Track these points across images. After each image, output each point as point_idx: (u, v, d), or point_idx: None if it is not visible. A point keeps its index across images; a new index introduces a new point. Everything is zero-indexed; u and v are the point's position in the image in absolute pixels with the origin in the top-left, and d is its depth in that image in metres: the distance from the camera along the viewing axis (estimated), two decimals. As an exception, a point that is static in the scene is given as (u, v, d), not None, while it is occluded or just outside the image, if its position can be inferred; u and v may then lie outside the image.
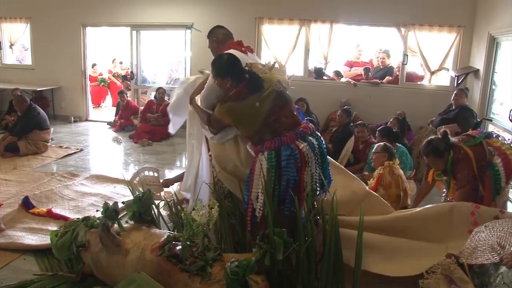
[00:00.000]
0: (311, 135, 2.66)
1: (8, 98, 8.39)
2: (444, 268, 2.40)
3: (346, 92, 7.38)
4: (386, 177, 3.90)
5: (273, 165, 2.54)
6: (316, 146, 2.65)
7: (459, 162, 3.28)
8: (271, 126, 2.60)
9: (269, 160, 2.54)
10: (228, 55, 2.75)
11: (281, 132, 2.59)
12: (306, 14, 7.28)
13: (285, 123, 2.63)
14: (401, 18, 6.94)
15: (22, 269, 3.09)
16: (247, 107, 2.59)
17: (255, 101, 2.57)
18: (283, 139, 2.56)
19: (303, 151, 2.57)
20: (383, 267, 2.74)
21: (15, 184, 4.88)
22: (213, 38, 3.19)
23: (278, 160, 2.54)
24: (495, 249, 2.29)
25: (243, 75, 2.64)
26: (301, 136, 2.61)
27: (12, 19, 9.04)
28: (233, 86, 2.65)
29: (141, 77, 8.99)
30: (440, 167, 3.40)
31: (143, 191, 2.91)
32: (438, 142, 3.38)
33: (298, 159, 2.55)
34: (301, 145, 2.57)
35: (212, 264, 2.39)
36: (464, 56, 6.80)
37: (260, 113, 2.58)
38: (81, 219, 2.93)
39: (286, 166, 2.53)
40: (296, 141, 2.58)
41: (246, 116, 2.62)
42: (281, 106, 2.65)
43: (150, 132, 7.45)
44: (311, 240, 2.41)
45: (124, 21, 8.35)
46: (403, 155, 4.77)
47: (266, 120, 2.59)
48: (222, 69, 2.69)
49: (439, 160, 3.36)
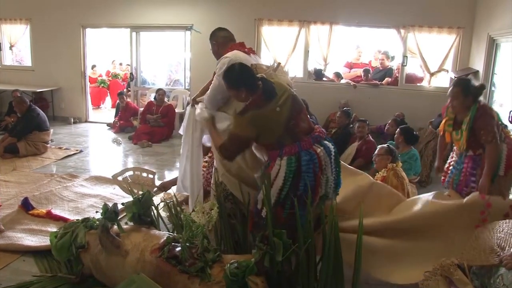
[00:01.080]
0: (325, 139, 2.70)
1: (7, 99, 8.38)
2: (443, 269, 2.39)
3: (346, 94, 7.38)
4: (391, 180, 3.87)
5: (292, 170, 2.54)
6: (332, 150, 2.68)
7: (484, 115, 3.12)
8: (291, 130, 2.59)
9: (289, 165, 2.54)
10: (239, 66, 2.68)
11: (300, 136, 2.60)
12: (306, 16, 7.29)
13: (302, 127, 2.64)
14: (401, 20, 6.96)
15: (21, 270, 3.08)
16: (270, 113, 2.57)
17: (275, 106, 2.56)
18: (302, 144, 2.57)
19: (320, 156, 2.59)
20: (385, 272, 2.73)
21: (14, 185, 4.87)
22: (213, 41, 3.19)
23: (298, 165, 2.55)
24: (495, 251, 2.29)
25: (256, 83, 2.61)
26: (318, 140, 2.63)
27: (12, 20, 9.05)
28: (249, 96, 2.62)
29: (140, 79, 9.00)
30: (458, 104, 3.22)
31: (128, 188, 2.89)
32: (473, 84, 3.24)
33: (317, 164, 2.56)
34: (318, 150, 2.60)
35: (211, 265, 2.39)
36: (463, 57, 6.82)
37: (282, 118, 2.57)
38: (80, 220, 2.93)
39: (306, 171, 2.54)
40: (314, 145, 2.60)
41: (269, 122, 2.58)
42: (298, 110, 2.66)
43: (149, 133, 7.45)
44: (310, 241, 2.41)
45: (124, 23, 8.35)
46: (413, 158, 4.72)
47: (287, 125, 2.58)
48: (235, 81, 2.64)
49: (462, 97, 3.19)
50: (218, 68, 2.94)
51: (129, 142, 7.41)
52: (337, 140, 5.89)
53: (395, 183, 3.86)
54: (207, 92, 3.03)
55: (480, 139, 3.11)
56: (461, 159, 3.34)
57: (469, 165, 3.27)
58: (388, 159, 4.05)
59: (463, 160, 3.31)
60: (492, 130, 3.07)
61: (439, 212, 2.88)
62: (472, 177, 3.25)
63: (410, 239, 2.88)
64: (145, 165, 5.54)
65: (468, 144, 3.19)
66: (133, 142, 7.33)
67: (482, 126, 3.09)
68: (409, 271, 2.70)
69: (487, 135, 3.07)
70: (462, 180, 3.29)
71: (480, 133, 3.10)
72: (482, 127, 3.09)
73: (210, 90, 2.99)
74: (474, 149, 3.22)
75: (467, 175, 3.27)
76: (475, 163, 3.23)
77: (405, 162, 4.57)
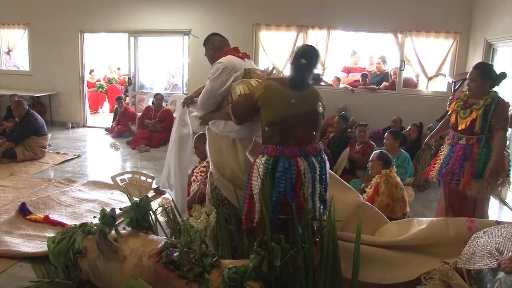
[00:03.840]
0: (315, 156, 2.62)
1: (5, 104, 8.38)
2: (442, 274, 2.39)
3: (344, 98, 7.39)
4: (381, 186, 3.91)
5: (268, 172, 2.52)
6: (317, 169, 2.59)
7: (503, 105, 3.26)
8: (286, 128, 2.55)
9: (265, 166, 2.54)
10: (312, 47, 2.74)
11: (289, 142, 2.55)
12: (304, 20, 7.32)
13: (299, 136, 2.58)
14: (398, 24, 6.99)
15: (18, 276, 3.07)
16: (284, 96, 2.57)
17: (292, 97, 2.57)
18: (285, 150, 2.53)
19: (301, 169, 2.53)
20: (379, 276, 2.73)
21: (12, 190, 4.86)
22: (209, 45, 3.20)
23: (274, 169, 2.53)
24: (493, 255, 2.29)
25: (298, 61, 2.61)
26: (305, 153, 2.56)
27: (10, 25, 9.06)
28: (290, 69, 2.68)
29: (139, 83, 9.01)
30: (475, 86, 3.31)
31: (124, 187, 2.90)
32: (494, 69, 3.38)
33: (294, 175, 2.51)
34: (301, 163, 2.54)
35: (209, 270, 2.38)
36: (460, 62, 6.85)
37: (288, 109, 2.55)
38: (78, 225, 2.92)
39: (280, 177, 2.50)
40: (298, 157, 2.54)
41: (277, 101, 2.57)
42: (308, 121, 2.63)
43: (147, 138, 7.45)
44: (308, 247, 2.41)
45: (122, 27, 8.37)
46: (406, 161, 4.76)
47: (288, 119, 2.55)
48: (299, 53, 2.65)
49: (480, 79, 3.30)
50: (211, 73, 2.95)
51: (127, 147, 7.41)
52: (335, 144, 5.92)
53: (383, 189, 3.88)
54: (199, 97, 3.03)
55: (495, 122, 3.24)
56: (453, 148, 3.44)
57: (459, 154, 3.36)
58: (379, 164, 4.05)
59: (454, 149, 3.41)
60: (503, 120, 3.22)
61: (427, 233, 2.84)
62: (460, 168, 3.34)
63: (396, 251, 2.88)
64: (143, 170, 5.53)
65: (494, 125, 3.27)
66: (131, 147, 7.33)
67: (499, 113, 3.23)
68: (400, 271, 2.70)
69: (497, 122, 3.22)
70: (450, 167, 3.39)
71: (499, 118, 3.24)
72: (499, 114, 3.23)
73: (202, 95, 2.98)
74: (470, 133, 3.32)
75: (456, 164, 3.37)
76: (465, 155, 3.33)
77: (400, 166, 4.58)
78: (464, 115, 3.36)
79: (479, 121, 3.26)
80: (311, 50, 2.67)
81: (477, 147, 3.29)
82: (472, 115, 3.31)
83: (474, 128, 3.29)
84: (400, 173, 4.42)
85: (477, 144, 3.29)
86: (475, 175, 3.30)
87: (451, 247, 2.73)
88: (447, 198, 3.54)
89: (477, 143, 3.30)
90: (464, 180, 3.32)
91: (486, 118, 3.24)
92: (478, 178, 3.30)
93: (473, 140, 3.31)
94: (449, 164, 3.41)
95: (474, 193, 3.32)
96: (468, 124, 3.31)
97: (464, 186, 3.33)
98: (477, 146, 3.29)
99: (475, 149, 3.30)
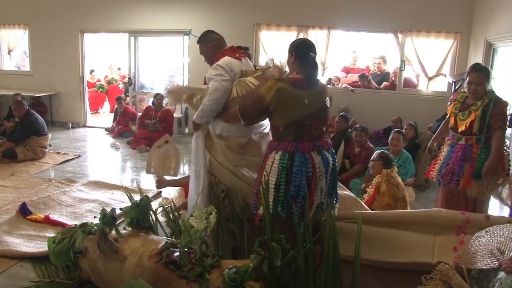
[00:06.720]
0: (327, 150, 2.69)
1: (6, 104, 8.38)
2: (442, 274, 2.39)
3: (344, 98, 7.39)
4: (382, 186, 3.91)
5: (284, 167, 2.56)
6: (331, 162, 2.68)
7: (501, 105, 3.28)
8: (300, 128, 2.60)
9: (281, 161, 2.56)
10: (309, 41, 2.84)
11: (303, 139, 2.60)
12: (304, 20, 7.32)
13: (312, 134, 2.64)
14: (399, 24, 6.98)
15: (19, 276, 3.07)
16: (297, 98, 2.59)
17: (305, 98, 2.59)
18: (300, 145, 2.58)
19: (315, 163, 2.59)
20: (379, 253, 2.74)
21: (12, 190, 4.86)
22: (207, 44, 3.16)
23: (291, 164, 2.56)
24: (495, 254, 2.28)
25: (307, 57, 2.65)
26: (318, 148, 2.63)
27: (11, 25, 9.06)
28: (295, 67, 2.69)
29: (139, 83, 9.00)
30: (482, 90, 3.33)
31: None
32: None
33: (310, 169, 2.56)
34: (315, 157, 2.60)
35: (210, 270, 2.38)
36: (461, 62, 6.84)
37: (303, 110, 2.59)
38: (78, 225, 2.93)
39: (297, 172, 2.55)
40: (312, 151, 2.60)
41: (291, 104, 2.58)
42: (321, 118, 2.69)
43: (148, 138, 7.42)
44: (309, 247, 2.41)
45: (122, 27, 8.37)
46: (407, 161, 4.77)
47: (301, 120, 2.59)
48: (291, 46, 2.74)
49: (486, 82, 3.33)
50: (215, 74, 2.90)
51: (128, 147, 7.40)
52: (336, 144, 5.90)
53: (384, 189, 3.88)
54: (208, 97, 2.90)
55: (494, 121, 3.26)
56: (452, 149, 3.45)
57: (459, 154, 3.37)
58: (380, 164, 4.05)
59: (454, 149, 3.42)
60: (501, 119, 3.24)
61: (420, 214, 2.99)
62: (459, 168, 3.35)
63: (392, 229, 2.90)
64: (144, 170, 5.53)
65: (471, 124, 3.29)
66: (131, 147, 7.32)
67: (498, 112, 3.26)
68: (398, 250, 2.72)
69: (495, 122, 3.24)
70: (450, 167, 3.40)
71: (497, 117, 3.26)
72: (498, 113, 3.25)
73: (212, 94, 2.87)
74: (469, 134, 3.33)
75: (455, 164, 3.38)
76: (464, 155, 3.34)
77: (401, 166, 4.58)
78: (463, 117, 3.37)
79: (477, 122, 3.28)
80: (311, 43, 2.77)
81: (477, 147, 3.30)
82: (471, 116, 3.32)
83: (473, 129, 3.30)
84: (401, 173, 4.42)
85: (477, 144, 3.31)
86: (475, 175, 3.31)
87: (443, 227, 2.75)
88: (445, 198, 3.54)
89: (477, 143, 3.31)
90: (464, 180, 3.33)
91: (485, 118, 3.25)
92: (477, 178, 3.31)
93: (473, 141, 3.32)
94: (449, 165, 3.42)
95: (474, 193, 3.33)
96: (468, 125, 3.33)
97: (464, 186, 3.34)
98: (477, 147, 3.30)
99: (475, 149, 3.31)
